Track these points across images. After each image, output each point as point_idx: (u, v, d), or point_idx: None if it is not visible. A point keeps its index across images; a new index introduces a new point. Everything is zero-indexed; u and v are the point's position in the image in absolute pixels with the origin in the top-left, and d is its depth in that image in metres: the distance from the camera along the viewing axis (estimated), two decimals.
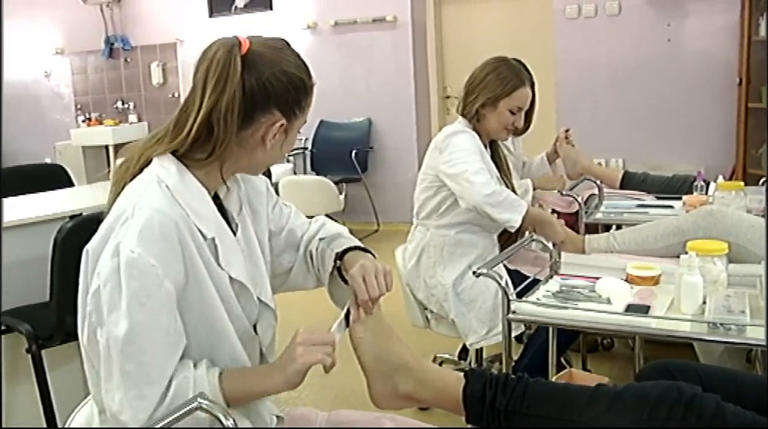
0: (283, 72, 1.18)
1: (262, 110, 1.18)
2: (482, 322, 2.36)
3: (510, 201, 2.22)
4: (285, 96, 1.19)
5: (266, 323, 1.32)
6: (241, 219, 1.30)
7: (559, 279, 1.87)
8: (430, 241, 2.43)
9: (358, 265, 1.28)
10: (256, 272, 1.30)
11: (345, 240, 1.44)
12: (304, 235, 1.47)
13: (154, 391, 1.10)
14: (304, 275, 1.46)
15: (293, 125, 1.23)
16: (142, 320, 1.08)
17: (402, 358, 1.30)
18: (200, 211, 1.18)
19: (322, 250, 1.43)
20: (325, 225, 1.48)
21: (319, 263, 1.43)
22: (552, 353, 2.12)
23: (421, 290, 2.48)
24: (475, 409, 1.23)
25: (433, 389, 1.28)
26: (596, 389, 1.21)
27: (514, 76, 2.37)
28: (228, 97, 1.15)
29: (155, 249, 1.09)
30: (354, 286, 1.26)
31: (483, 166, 2.27)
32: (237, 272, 1.22)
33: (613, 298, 1.68)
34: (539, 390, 1.22)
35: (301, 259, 1.45)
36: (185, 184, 1.19)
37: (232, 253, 1.22)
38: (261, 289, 1.29)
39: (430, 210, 2.42)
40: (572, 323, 1.67)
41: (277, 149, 1.23)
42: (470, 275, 2.35)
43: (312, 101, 1.25)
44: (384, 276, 1.27)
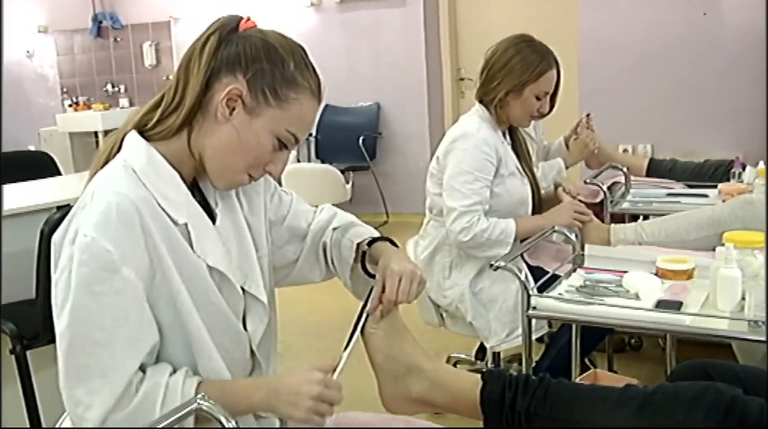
0: (264, 42, 1.17)
1: (227, 71, 1.16)
2: (503, 324, 2.36)
3: (493, 238, 2.27)
4: (256, 65, 1.15)
5: (256, 318, 1.31)
6: (227, 207, 1.30)
7: (582, 273, 1.87)
8: (445, 240, 2.43)
9: (398, 261, 1.29)
10: (246, 264, 1.30)
11: (362, 229, 1.44)
12: (311, 225, 1.47)
13: (109, 386, 1.09)
14: (311, 267, 1.47)
15: (260, 110, 1.16)
16: (93, 309, 1.09)
17: (415, 359, 1.31)
18: (169, 195, 1.18)
19: (337, 240, 1.44)
20: (336, 214, 1.49)
21: (334, 254, 1.44)
22: (575, 353, 2.13)
23: (434, 291, 2.49)
24: (493, 413, 1.23)
25: (448, 392, 1.28)
26: (624, 390, 1.21)
27: (541, 59, 2.35)
28: (198, 52, 1.17)
29: (112, 233, 1.09)
30: (387, 282, 1.27)
31: (478, 195, 2.27)
32: (214, 260, 1.21)
33: (641, 294, 1.68)
34: (562, 391, 1.22)
35: (308, 249, 1.46)
36: (153, 165, 1.19)
37: (208, 240, 1.22)
38: (249, 281, 1.29)
39: (441, 209, 2.42)
40: (597, 320, 1.66)
41: (238, 132, 1.17)
42: (489, 273, 2.37)
43: (307, 111, 1.20)
44: (418, 285, 1.28)
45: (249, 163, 1.21)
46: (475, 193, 2.28)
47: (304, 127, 1.21)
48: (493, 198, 2.32)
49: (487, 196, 2.30)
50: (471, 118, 2.41)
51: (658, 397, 1.17)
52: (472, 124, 2.36)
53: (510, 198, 2.37)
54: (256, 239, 1.35)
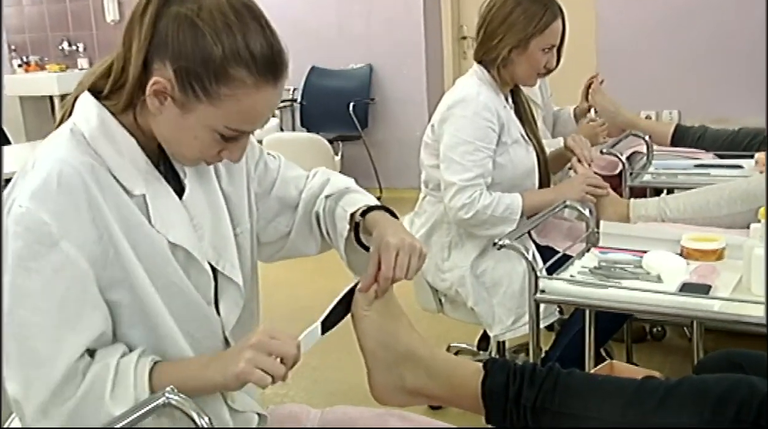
0: (191, 23, 1.10)
1: (159, 55, 1.13)
2: (508, 310, 2.37)
3: (497, 215, 2.28)
4: (181, 54, 1.11)
5: (230, 301, 1.32)
6: (199, 177, 1.30)
7: (597, 252, 1.88)
8: (443, 218, 2.44)
9: (393, 233, 1.28)
10: (219, 241, 1.29)
11: (357, 195, 1.44)
12: (303, 193, 1.47)
13: (44, 376, 1.09)
14: (305, 239, 1.47)
15: (191, 106, 1.13)
16: (27, 288, 1.08)
17: (411, 346, 1.31)
18: (124, 163, 1.18)
19: (331, 208, 1.44)
20: (330, 179, 1.48)
21: (328, 225, 1.44)
22: (589, 342, 2.14)
23: (431, 273, 2.49)
24: (495, 406, 1.24)
25: (446, 383, 1.29)
26: (644, 382, 1.22)
27: (545, 9, 2.34)
28: (137, 22, 1.14)
29: (51, 204, 1.09)
30: (383, 256, 1.26)
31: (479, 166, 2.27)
32: (177, 236, 1.21)
33: (664, 276, 1.68)
34: (573, 383, 1.23)
35: (300, 220, 1.46)
36: (105, 130, 1.18)
37: (169, 214, 1.22)
38: (223, 261, 1.29)
39: (438, 183, 2.42)
40: (614, 305, 1.67)
41: (174, 126, 1.16)
42: (492, 253, 2.38)
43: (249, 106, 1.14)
44: (418, 259, 1.28)
45: (195, 154, 1.21)
46: (476, 164, 2.28)
47: (248, 122, 1.17)
48: (495, 169, 2.32)
49: (489, 167, 2.30)
50: (469, 80, 2.40)
51: (682, 391, 1.18)
52: (471, 88, 2.35)
53: (514, 169, 2.37)
54: (235, 213, 1.35)
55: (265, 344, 1.13)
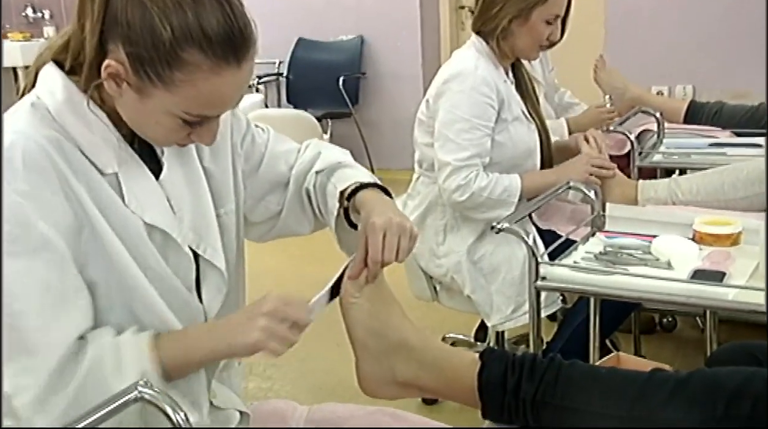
0: (140, 4, 1.07)
1: (113, 35, 1.11)
2: (507, 298, 2.38)
3: (494, 198, 2.28)
4: (132, 38, 1.08)
5: (212, 287, 1.32)
6: (178, 155, 1.29)
7: (603, 237, 1.88)
8: (438, 200, 2.44)
9: (380, 213, 1.28)
10: (201, 223, 1.29)
11: (349, 170, 1.43)
12: (294, 168, 1.47)
13: (40, 362, 1.08)
14: (297, 218, 1.48)
15: (148, 91, 1.11)
16: (6, 274, 1.07)
17: (402, 335, 1.31)
18: (94, 140, 1.17)
19: (322, 184, 1.43)
20: (321, 153, 1.48)
21: (319, 202, 1.44)
22: (594, 333, 2.14)
23: (425, 259, 2.50)
24: (492, 400, 1.24)
25: (440, 374, 1.29)
26: (652, 375, 1.22)
27: None
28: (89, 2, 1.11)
29: (20, 183, 1.08)
30: (369, 238, 1.26)
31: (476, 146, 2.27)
32: (154, 217, 1.21)
33: (675, 262, 1.68)
34: (576, 375, 1.23)
35: (291, 198, 1.46)
36: (73, 105, 1.16)
37: (145, 194, 1.21)
38: (204, 244, 1.29)
39: (433, 162, 2.41)
40: (620, 293, 1.66)
41: (134, 110, 1.15)
42: (490, 237, 2.38)
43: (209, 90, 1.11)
44: (408, 240, 1.28)
45: (160, 138, 1.20)
46: (472, 143, 2.27)
47: (210, 107, 1.15)
48: (494, 149, 2.32)
49: (487, 146, 2.30)
50: (467, 52, 2.39)
51: (693, 385, 1.18)
52: (469, 60, 2.34)
53: (514, 148, 2.37)
54: (219, 192, 1.35)
55: (280, 311, 1.15)
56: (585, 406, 1.20)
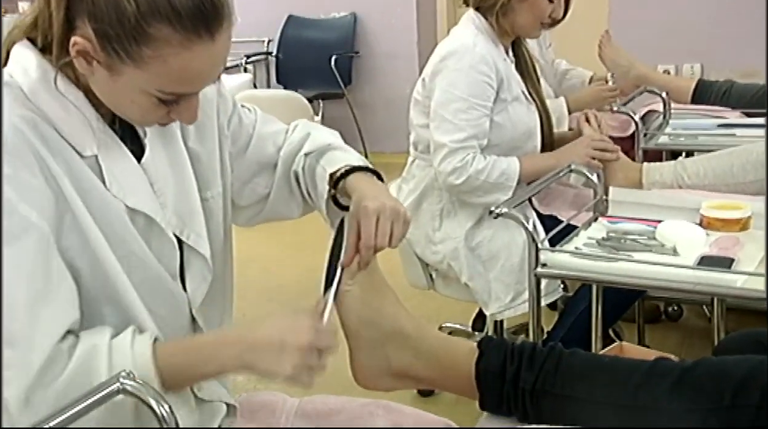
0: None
1: (79, 11, 1.09)
2: (506, 286, 2.38)
3: (491, 181, 2.28)
4: (97, 13, 1.07)
5: (197, 275, 1.31)
6: (161, 136, 1.29)
7: (605, 222, 1.88)
8: (434, 183, 2.44)
9: (372, 197, 1.28)
10: (185, 207, 1.29)
11: (339, 153, 1.43)
12: (282, 150, 1.47)
13: (25, 357, 1.07)
14: (286, 202, 1.48)
15: (118, 68, 1.10)
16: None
17: (397, 323, 1.31)
18: (71, 120, 1.16)
19: (311, 167, 1.43)
20: (310, 134, 1.48)
21: (308, 185, 1.44)
22: (596, 322, 2.14)
23: (421, 245, 2.50)
24: (491, 389, 1.24)
25: (436, 364, 1.29)
26: (656, 364, 1.22)
27: None
28: None
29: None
30: (362, 223, 1.26)
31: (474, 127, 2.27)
32: (136, 201, 1.20)
33: (681, 248, 1.68)
34: (577, 364, 1.24)
35: (280, 181, 1.46)
36: (49, 84, 1.15)
37: (126, 177, 1.21)
38: (188, 230, 1.29)
39: (429, 144, 2.40)
40: (624, 280, 1.67)
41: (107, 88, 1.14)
42: (489, 222, 2.38)
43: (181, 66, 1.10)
44: (402, 225, 1.28)
45: (137, 118, 1.20)
46: (469, 124, 2.27)
47: (185, 84, 1.14)
48: (492, 130, 2.31)
49: (485, 127, 2.29)
50: (465, 29, 2.38)
51: (699, 374, 1.18)
52: (467, 37, 2.33)
53: (514, 129, 2.37)
54: (204, 175, 1.34)
55: (314, 343, 1.14)
56: (586, 396, 1.20)
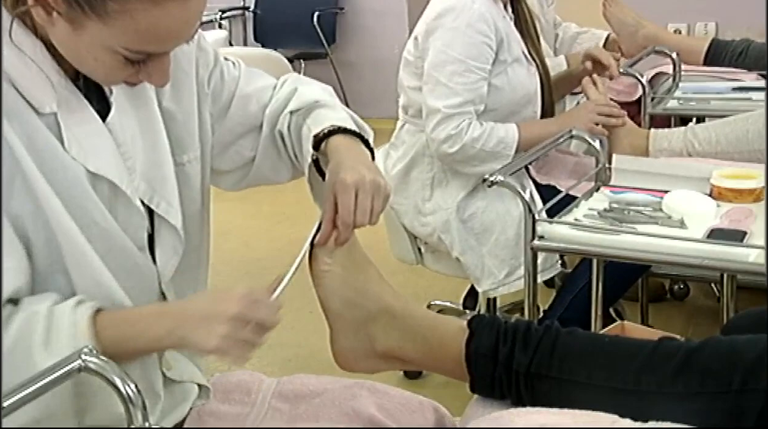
0: None
1: None
2: (500, 261, 2.39)
3: (488, 150, 2.28)
4: None
5: (167, 247, 1.30)
6: (131, 95, 1.27)
7: (608, 192, 1.88)
8: (425, 150, 2.44)
9: (350, 168, 1.27)
10: (155, 173, 1.28)
11: (327, 111, 1.42)
12: (267, 108, 1.45)
13: None
14: (273, 165, 1.47)
15: (81, 22, 1.09)
16: None
17: (382, 302, 1.32)
18: (28, 74, 1.14)
19: (297, 126, 1.42)
20: (297, 90, 1.46)
21: (294, 146, 1.43)
22: (597, 301, 2.14)
23: (409, 216, 2.50)
24: (482, 372, 1.25)
25: (423, 344, 1.30)
26: (660, 344, 1.23)
27: None
28: None
29: None
30: (340, 198, 1.26)
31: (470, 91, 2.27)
32: (99, 165, 1.19)
33: (688, 220, 1.69)
34: (576, 344, 1.24)
35: (266, 142, 1.45)
36: (3, 34, 1.13)
37: (88, 138, 1.19)
38: (158, 198, 1.28)
39: (420, 108, 2.40)
40: (627, 254, 1.67)
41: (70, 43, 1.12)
42: (483, 193, 2.39)
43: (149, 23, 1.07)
44: (382, 201, 1.28)
45: (101, 77, 1.18)
46: (466, 88, 2.27)
47: (153, 42, 1.12)
48: (490, 94, 2.32)
49: (482, 92, 2.29)
50: None
51: (706, 355, 1.19)
52: None
53: (513, 93, 2.37)
54: (181, 138, 1.33)
55: (247, 315, 1.14)
56: (585, 379, 1.21)
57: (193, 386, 1.38)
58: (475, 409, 1.29)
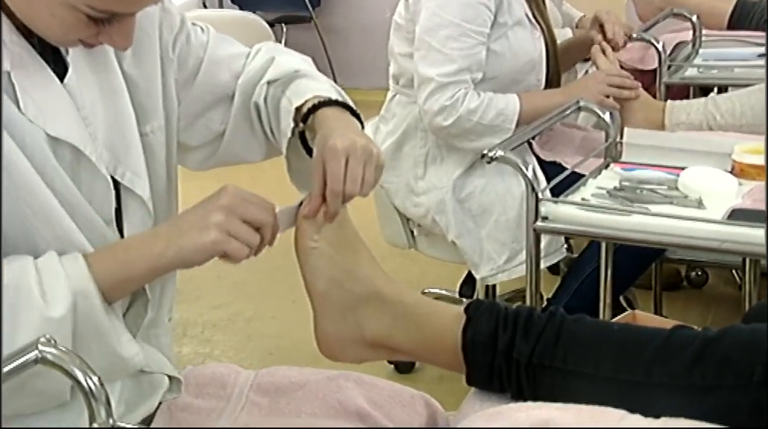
0: None
1: None
2: (500, 244, 2.40)
3: (486, 123, 2.29)
4: None
5: (136, 220, 1.31)
6: (89, 57, 1.27)
7: (619, 169, 1.89)
8: (417, 123, 2.44)
9: (341, 135, 1.27)
10: (119, 141, 1.28)
11: (308, 82, 1.42)
12: (240, 77, 1.45)
13: None
14: (245, 141, 1.47)
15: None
16: None
17: (372, 285, 1.32)
18: None
19: (274, 98, 1.42)
20: (275, 59, 1.46)
21: (271, 121, 1.43)
22: (605, 288, 2.15)
23: (401, 196, 2.51)
24: (480, 362, 1.25)
25: (417, 332, 1.30)
26: (674, 333, 1.23)
27: None
28: None
29: None
30: (329, 165, 1.26)
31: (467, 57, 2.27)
32: (57, 128, 1.19)
33: (707, 199, 1.70)
34: (582, 333, 1.24)
35: (238, 115, 1.45)
36: None
37: (46, 100, 1.19)
38: (123, 168, 1.28)
39: (412, 77, 2.41)
40: (639, 237, 1.68)
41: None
42: (481, 170, 2.40)
43: None
44: (375, 169, 1.28)
45: (58, 36, 1.18)
46: (462, 54, 2.27)
47: (117, 1, 1.13)
48: (489, 61, 2.32)
49: (480, 58, 2.29)
50: None
51: (725, 345, 1.19)
52: None
53: (514, 60, 2.37)
54: (144, 105, 1.33)
55: (238, 208, 1.17)
56: (592, 370, 1.21)
57: (163, 378, 1.38)
58: (471, 403, 1.29)
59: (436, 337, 1.29)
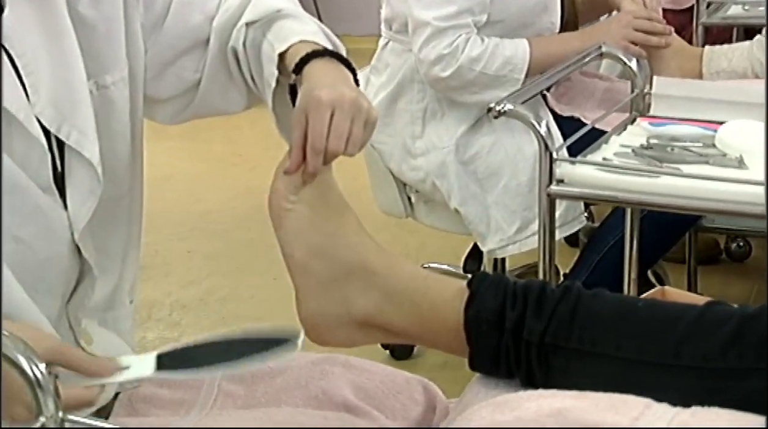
0: None
1: None
2: (510, 213, 2.41)
3: (491, 73, 2.30)
4: None
5: (82, 187, 1.31)
6: None
7: (646, 124, 1.89)
8: (414, 74, 2.45)
9: (328, 85, 1.28)
10: (66, 96, 1.28)
11: (292, 23, 1.43)
12: (216, 19, 1.46)
13: None
14: (223, 90, 1.48)
15: None
16: None
17: (361, 255, 1.32)
18: None
19: (254, 42, 1.43)
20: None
21: (252, 67, 1.44)
22: (631, 262, 2.16)
23: (396, 158, 2.52)
24: (485, 342, 1.25)
25: (413, 309, 1.30)
26: (708, 309, 1.23)
27: None
28: None
29: None
30: (311, 118, 1.26)
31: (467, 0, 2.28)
32: None
33: (749, 158, 1.70)
34: (602, 309, 1.24)
35: (214, 62, 1.46)
36: None
37: None
38: (68, 126, 1.28)
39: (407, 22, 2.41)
40: (669, 202, 1.69)
41: None
42: (488, 127, 2.40)
43: None
44: (364, 125, 1.29)
45: None
46: None
47: None
48: (494, 1, 2.32)
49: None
50: None
51: (765, 323, 1.19)
52: None
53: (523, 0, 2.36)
54: (100, 53, 1.34)
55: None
56: (612, 352, 1.21)
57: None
58: (475, 390, 1.29)
59: (434, 314, 1.29)
